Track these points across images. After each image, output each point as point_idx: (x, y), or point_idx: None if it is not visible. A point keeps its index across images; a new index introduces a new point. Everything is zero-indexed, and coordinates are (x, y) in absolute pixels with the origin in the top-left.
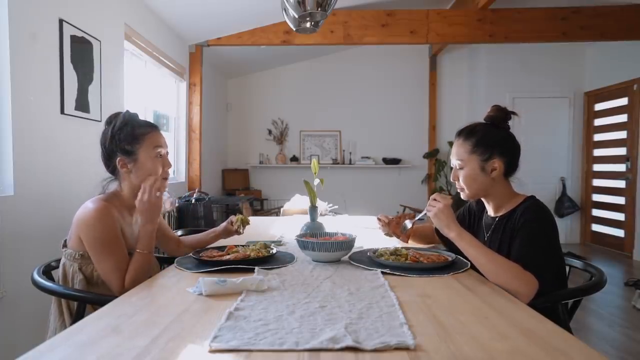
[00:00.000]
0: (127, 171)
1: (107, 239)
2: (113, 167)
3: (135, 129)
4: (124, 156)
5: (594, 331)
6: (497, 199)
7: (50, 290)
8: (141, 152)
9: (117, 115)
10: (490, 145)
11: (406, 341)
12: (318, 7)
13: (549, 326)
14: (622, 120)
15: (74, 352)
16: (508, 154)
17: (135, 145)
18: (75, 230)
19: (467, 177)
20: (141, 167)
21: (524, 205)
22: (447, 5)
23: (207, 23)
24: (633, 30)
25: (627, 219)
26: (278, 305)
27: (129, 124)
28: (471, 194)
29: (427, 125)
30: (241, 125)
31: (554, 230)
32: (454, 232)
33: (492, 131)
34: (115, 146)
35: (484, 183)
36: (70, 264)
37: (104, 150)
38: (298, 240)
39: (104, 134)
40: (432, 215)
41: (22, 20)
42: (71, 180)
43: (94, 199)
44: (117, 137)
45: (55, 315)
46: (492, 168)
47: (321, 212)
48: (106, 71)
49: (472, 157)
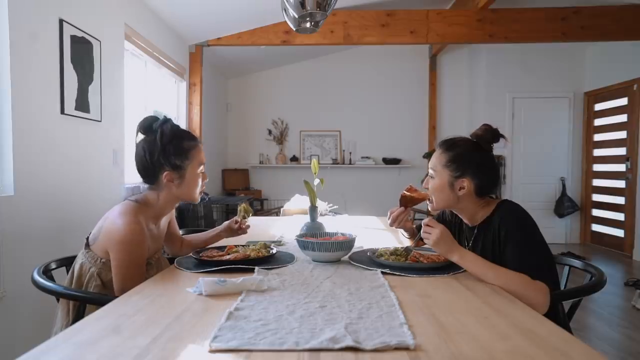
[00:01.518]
0: (172, 185)
1: (134, 262)
2: (156, 179)
3: (184, 142)
4: (172, 170)
5: (594, 331)
6: (465, 212)
7: (50, 290)
8: (189, 168)
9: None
10: (464, 165)
11: (406, 341)
12: (318, 7)
13: (549, 326)
14: (622, 120)
15: (74, 352)
16: (481, 176)
17: (184, 161)
18: (103, 240)
19: (435, 188)
20: (187, 182)
21: (500, 213)
22: (447, 5)
23: (207, 23)
24: (633, 30)
25: (627, 219)
26: (278, 305)
27: (177, 137)
28: (436, 205)
29: (427, 125)
30: (241, 125)
31: (535, 228)
32: (456, 255)
33: (472, 151)
34: (164, 159)
35: (450, 198)
36: (89, 265)
37: (150, 161)
38: (298, 240)
39: (149, 143)
40: (432, 244)
41: (22, 20)
42: (71, 180)
43: (124, 210)
44: (167, 150)
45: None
46: (460, 186)
47: (321, 212)
48: (106, 71)
49: (444, 171)
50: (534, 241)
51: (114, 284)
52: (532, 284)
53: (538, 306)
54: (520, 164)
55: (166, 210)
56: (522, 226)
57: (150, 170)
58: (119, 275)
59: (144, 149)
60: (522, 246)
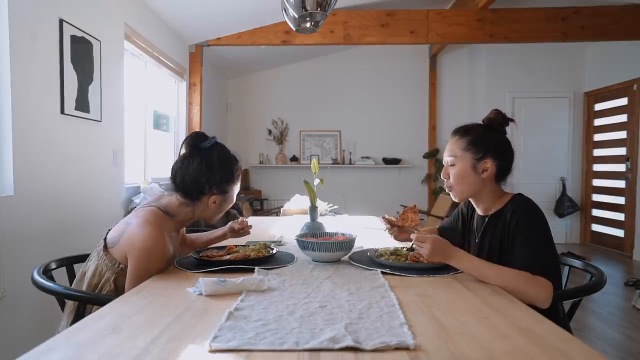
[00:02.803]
0: (214, 205)
1: (151, 272)
2: (199, 198)
3: (233, 167)
4: (219, 194)
5: (594, 331)
6: (486, 200)
7: (50, 290)
8: (231, 192)
9: (203, 139)
10: (484, 146)
11: (406, 341)
12: (318, 7)
13: (549, 326)
14: (622, 120)
15: (74, 352)
16: (501, 157)
17: (232, 186)
18: (125, 245)
19: (457, 174)
20: (227, 204)
21: (513, 204)
22: (447, 5)
23: (207, 23)
24: (633, 30)
25: (627, 219)
26: (278, 305)
27: (229, 161)
28: (460, 195)
29: (427, 125)
30: (241, 125)
31: (546, 224)
32: (453, 260)
33: (488, 133)
34: (215, 183)
35: (474, 183)
36: (105, 269)
37: (199, 182)
38: (298, 240)
39: (199, 163)
40: (427, 257)
41: (22, 20)
42: (71, 180)
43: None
44: (218, 172)
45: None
46: (483, 168)
47: (321, 212)
48: (106, 71)
49: (465, 155)
50: (544, 237)
51: (126, 288)
52: (532, 280)
53: (540, 302)
54: (520, 164)
55: (190, 223)
56: (533, 220)
57: (196, 190)
58: (133, 281)
59: (194, 169)
60: (531, 239)
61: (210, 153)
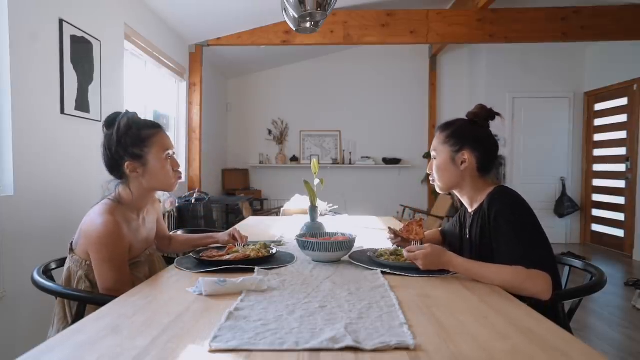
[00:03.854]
0: (137, 175)
1: (114, 259)
2: (121, 171)
3: (141, 130)
4: (132, 160)
5: (594, 331)
6: (468, 193)
7: (50, 290)
8: (150, 155)
9: (116, 116)
10: (462, 138)
11: (406, 341)
12: (318, 7)
13: (549, 326)
14: (622, 120)
15: (74, 352)
16: (480, 149)
17: (144, 149)
18: (83, 242)
19: (438, 167)
20: (151, 170)
21: (490, 196)
22: (447, 5)
23: (207, 23)
24: (633, 30)
25: (627, 219)
26: (278, 305)
27: (133, 126)
28: (442, 185)
29: (427, 125)
30: (241, 125)
31: (528, 214)
32: (448, 266)
33: (468, 126)
34: (122, 150)
35: (453, 175)
36: (76, 269)
37: (110, 154)
38: (298, 240)
39: (107, 137)
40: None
41: (22, 20)
42: (71, 180)
43: (101, 210)
44: (123, 140)
45: (60, 317)
46: (461, 160)
47: (321, 212)
48: (106, 71)
49: (444, 148)
50: (528, 227)
51: (98, 282)
52: (529, 274)
53: (540, 295)
54: (520, 164)
55: (143, 203)
56: (512, 210)
57: (113, 164)
58: (99, 273)
59: (104, 144)
60: (515, 231)
61: (118, 124)
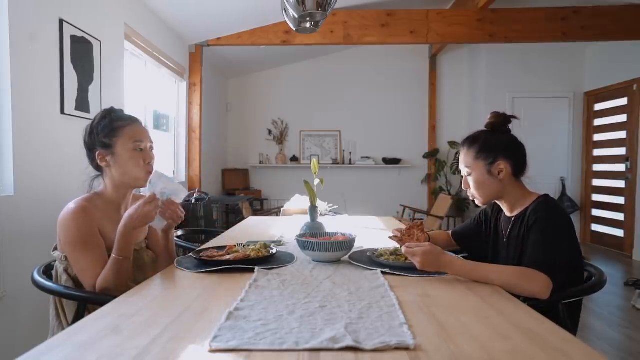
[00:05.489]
0: (107, 165)
1: (81, 239)
2: (93, 160)
3: (114, 122)
4: (102, 150)
5: (594, 331)
6: (510, 199)
7: (50, 290)
8: (119, 145)
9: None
10: (493, 149)
11: (406, 341)
12: (318, 7)
13: (549, 326)
14: (622, 120)
15: (74, 352)
16: (512, 155)
17: (112, 139)
18: (58, 232)
19: (476, 183)
20: (119, 160)
21: (535, 204)
22: (447, 5)
23: (207, 23)
24: (633, 30)
25: (627, 219)
26: (278, 305)
27: (107, 117)
28: (484, 199)
29: (427, 125)
30: (241, 125)
31: (565, 227)
32: (447, 269)
33: (493, 136)
34: (94, 139)
35: (494, 186)
36: (59, 265)
37: (85, 144)
38: (298, 240)
39: (85, 129)
40: (421, 268)
41: (22, 20)
42: (71, 180)
43: (76, 200)
44: (95, 130)
45: (54, 315)
46: (498, 170)
47: (321, 212)
48: (106, 71)
49: (478, 163)
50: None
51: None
52: (525, 273)
53: (537, 294)
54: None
55: (120, 197)
56: (551, 220)
57: (88, 154)
58: (70, 254)
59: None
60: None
61: (96, 115)
